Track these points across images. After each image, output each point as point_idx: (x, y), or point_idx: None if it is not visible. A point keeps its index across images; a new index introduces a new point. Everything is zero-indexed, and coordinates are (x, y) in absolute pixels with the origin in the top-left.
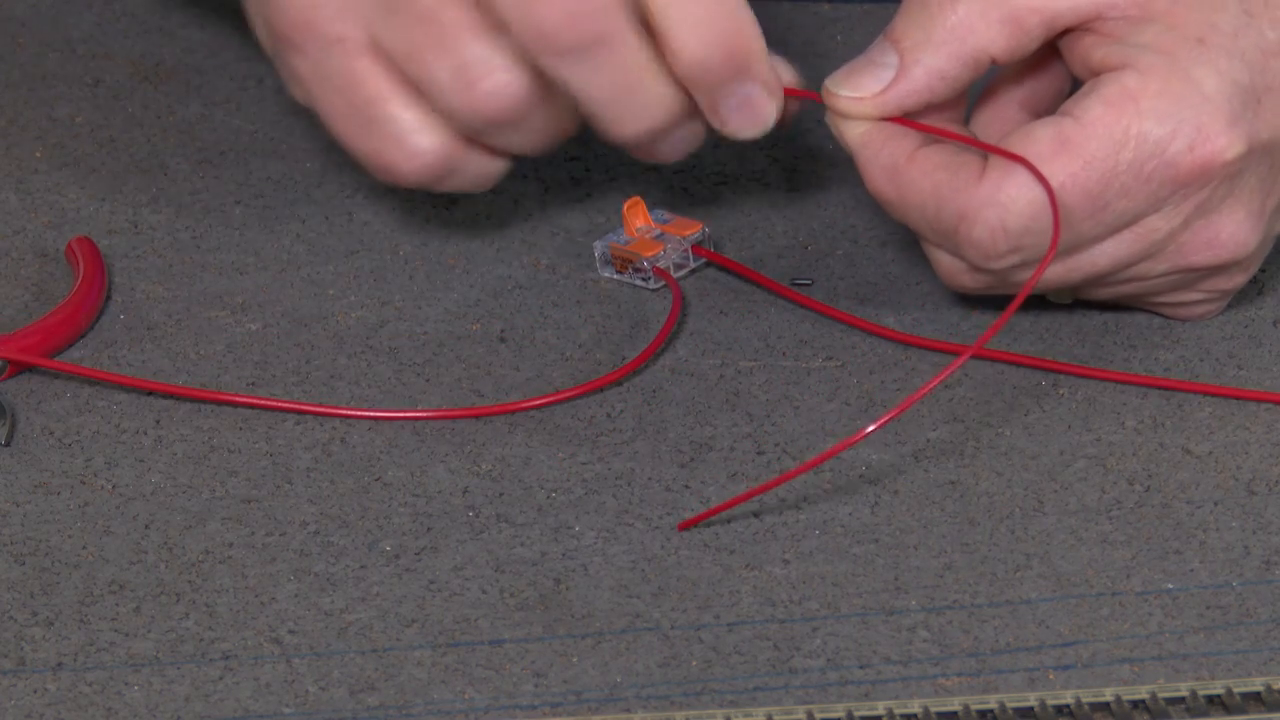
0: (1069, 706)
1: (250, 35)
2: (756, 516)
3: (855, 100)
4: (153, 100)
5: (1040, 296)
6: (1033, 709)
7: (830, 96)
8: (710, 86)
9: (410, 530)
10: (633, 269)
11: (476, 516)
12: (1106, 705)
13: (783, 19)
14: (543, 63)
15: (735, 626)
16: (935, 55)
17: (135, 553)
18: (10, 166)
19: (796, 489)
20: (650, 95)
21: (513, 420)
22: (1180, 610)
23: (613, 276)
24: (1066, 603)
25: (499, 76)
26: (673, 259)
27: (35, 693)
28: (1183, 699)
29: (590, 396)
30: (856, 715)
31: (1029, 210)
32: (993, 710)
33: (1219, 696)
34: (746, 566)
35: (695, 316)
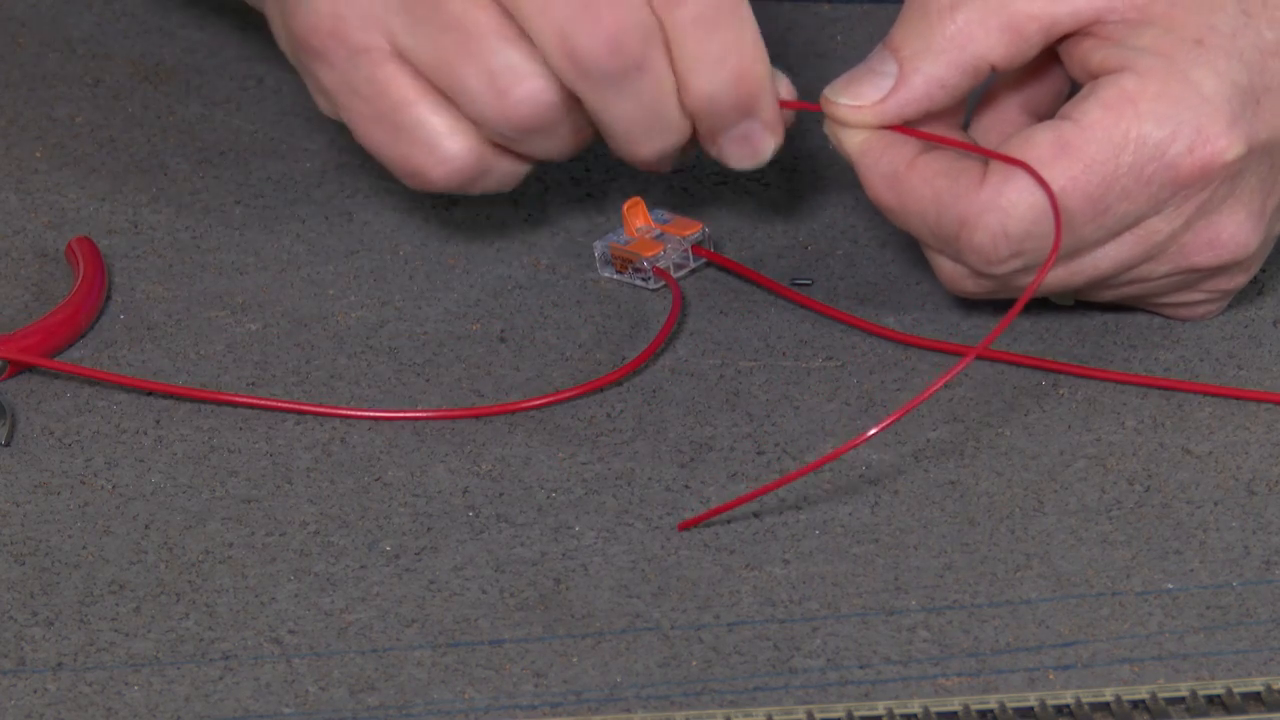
0: (1069, 706)
1: (250, 35)
2: (756, 516)
3: (854, 109)
4: (153, 100)
5: (1041, 298)
6: (1033, 709)
7: (829, 105)
8: (714, 120)
9: (410, 530)
10: (633, 269)
11: (476, 516)
12: (1106, 705)
13: (783, 19)
14: (575, 87)
15: (735, 626)
16: (935, 64)
17: (135, 553)
18: (10, 166)
19: (796, 489)
20: (669, 123)
21: (513, 420)
22: (1180, 610)
23: (613, 276)
24: (1066, 603)
25: (530, 84)
26: (673, 259)
27: (35, 693)
28: (1183, 699)
29: (590, 396)
30: (856, 715)
31: (1030, 215)
32: (993, 710)
33: (1219, 696)
34: (746, 566)
35: (695, 316)
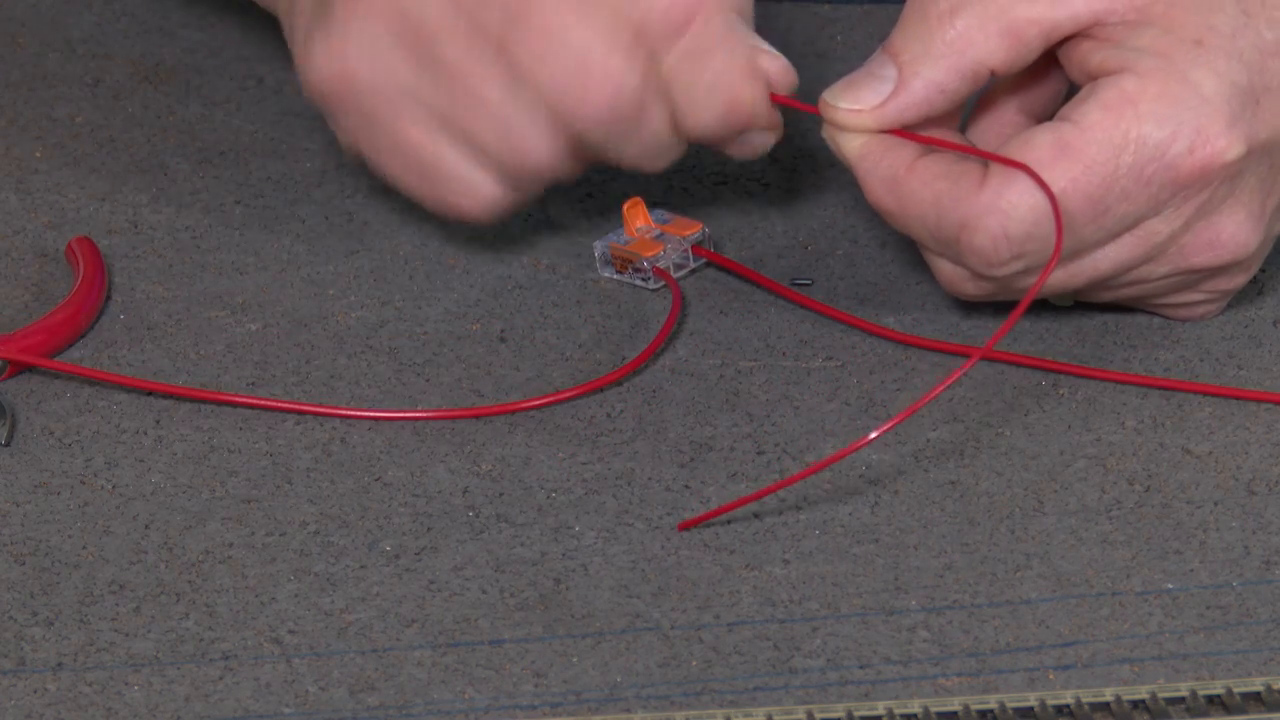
0: (1069, 706)
1: (250, 35)
2: (756, 517)
3: (854, 113)
4: (153, 100)
5: (1041, 299)
6: (1033, 709)
7: (828, 109)
8: (714, 141)
9: (410, 530)
10: (633, 269)
11: (476, 516)
12: (1106, 705)
13: (783, 19)
14: (578, 137)
15: (735, 626)
16: (934, 68)
17: (135, 553)
18: (10, 166)
19: (796, 489)
20: (671, 149)
21: (513, 420)
22: (1180, 610)
23: (613, 276)
24: (1066, 603)
25: (536, 139)
26: (673, 259)
27: (35, 693)
28: (1183, 699)
29: (590, 396)
30: (856, 715)
31: (1031, 216)
32: (993, 710)
33: (1219, 696)
34: (746, 566)
35: (695, 316)
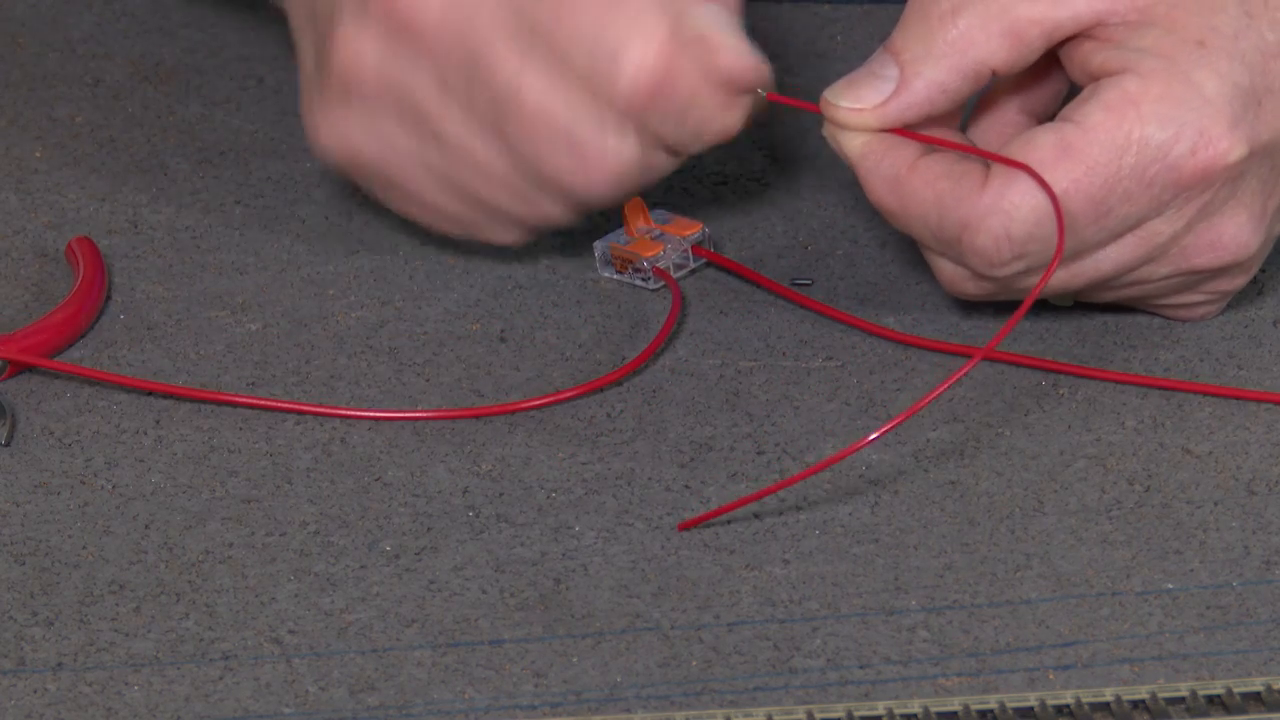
0: (1069, 706)
1: (250, 35)
2: (756, 517)
3: (855, 112)
4: (153, 100)
5: (1041, 299)
6: (1033, 709)
7: (829, 108)
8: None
9: (410, 530)
10: (633, 269)
11: (476, 516)
12: (1106, 705)
13: (783, 19)
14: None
15: (735, 626)
16: (936, 68)
17: (135, 553)
18: (10, 166)
19: (796, 489)
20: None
21: (513, 420)
22: (1180, 610)
23: (613, 276)
24: (1066, 603)
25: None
26: (673, 259)
27: (35, 693)
28: (1183, 699)
29: (590, 396)
30: (856, 715)
31: (1033, 217)
32: (993, 710)
33: (1219, 696)
34: (746, 566)
35: (695, 316)
